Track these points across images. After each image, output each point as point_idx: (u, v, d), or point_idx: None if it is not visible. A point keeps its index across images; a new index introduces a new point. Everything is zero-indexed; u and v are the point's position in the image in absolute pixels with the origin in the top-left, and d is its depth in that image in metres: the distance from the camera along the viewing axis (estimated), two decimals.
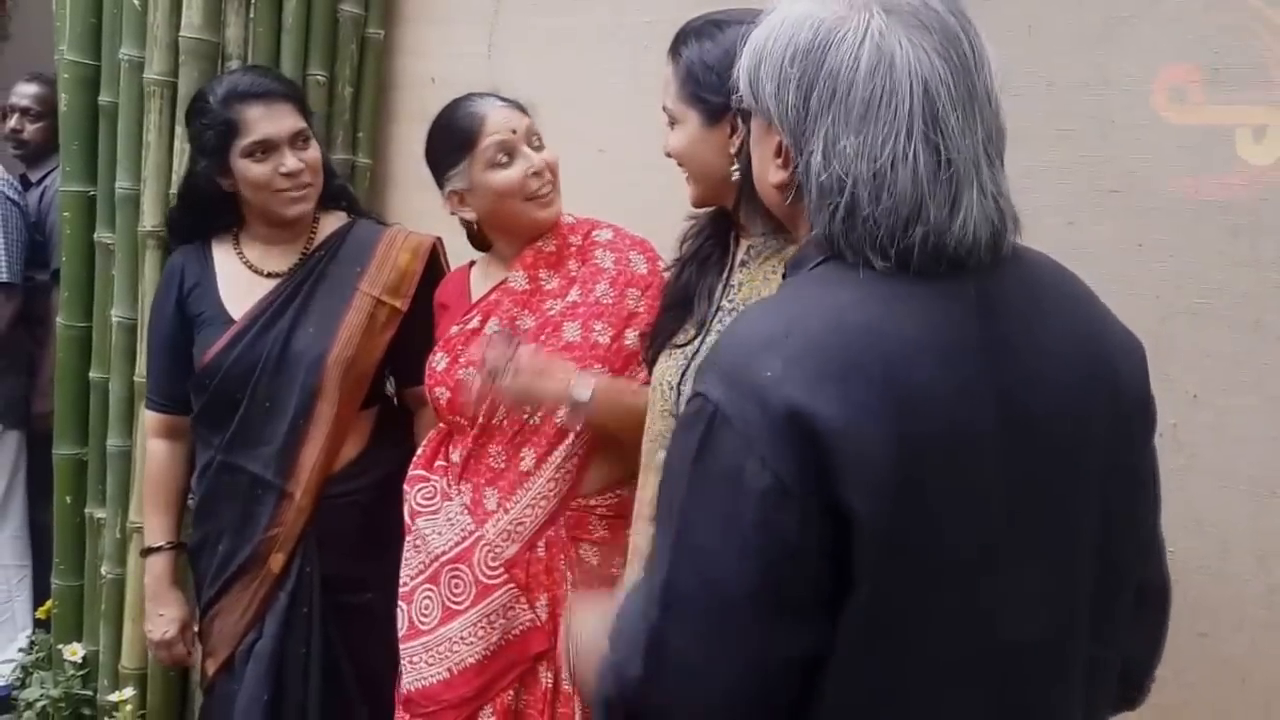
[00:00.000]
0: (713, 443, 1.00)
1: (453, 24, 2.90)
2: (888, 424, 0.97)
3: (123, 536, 2.87)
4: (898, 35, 1.01)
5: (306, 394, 2.18)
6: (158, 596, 2.34)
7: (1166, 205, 1.86)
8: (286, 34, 2.78)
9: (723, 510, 0.99)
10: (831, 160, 1.02)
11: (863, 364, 0.98)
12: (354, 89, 2.94)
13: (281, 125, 2.15)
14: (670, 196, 1.73)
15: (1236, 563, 1.85)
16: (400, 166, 3.06)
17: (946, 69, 1.02)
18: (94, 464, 3.00)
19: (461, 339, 2.01)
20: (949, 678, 1.04)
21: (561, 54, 2.67)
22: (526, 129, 1.98)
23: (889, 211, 1.01)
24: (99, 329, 2.93)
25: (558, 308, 1.96)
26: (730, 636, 0.99)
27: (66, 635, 3.09)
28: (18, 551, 3.54)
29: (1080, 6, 1.93)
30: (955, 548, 1.01)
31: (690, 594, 1.01)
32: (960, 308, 1.03)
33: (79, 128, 2.90)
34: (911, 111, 1.00)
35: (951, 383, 1.01)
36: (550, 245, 2.01)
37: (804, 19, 1.05)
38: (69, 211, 2.94)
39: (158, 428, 2.35)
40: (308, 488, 2.19)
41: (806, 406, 0.96)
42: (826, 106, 1.02)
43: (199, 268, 2.27)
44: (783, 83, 1.06)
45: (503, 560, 1.91)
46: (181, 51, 2.67)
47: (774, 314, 1.05)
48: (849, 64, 1.02)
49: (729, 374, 1.01)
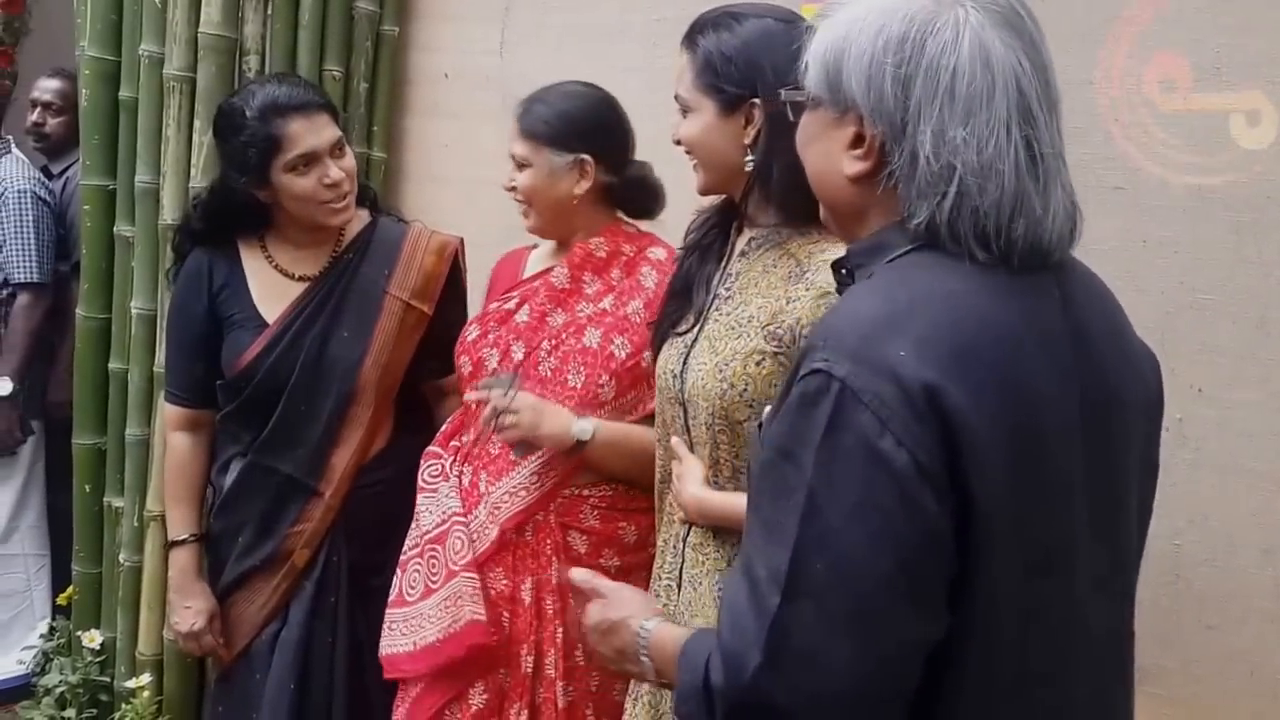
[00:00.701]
0: (840, 420, 0.97)
1: (466, 20, 2.93)
2: (1005, 411, 0.99)
3: (140, 525, 2.91)
4: (990, 31, 1.03)
5: (342, 399, 2.21)
6: (184, 589, 2.35)
7: (1170, 202, 1.88)
8: (303, 30, 2.82)
9: (855, 490, 0.97)
10: (941, 150, 1.02)
11: (981, 351, 1.00)
12: (369, 84, 2.97)
13: (323, 137, 2.15)
14: (681, 192, 1.76)
15: (1243, 556, 1.87)
16: (414, 160, 3.10)
17: (1031, 67, 1.04)
18: (113, 453, 3.04)
19: (497, 316, 2.04)
20: (1060, 665, 1.05)
21: (574, 50, 2.70)
22: (515, 154, 2.00)
23: (995, 204, 1.02)
24: (118, 320, 2.97)
25: (587, 311, 1.97)
26: (862, 622, 0.96)
27: (85, 622, 3.13)
28: (37, 541, 3.57)
29: (1084, 3, 1.94)
30: (1055, 537, 1.03)
31: (817, 578, 0.97)
32: (1050, 302, 1.06)
33: (100, 122, 2.94)
34: (1010, 106, 1.02)
35: (1053, 374, 1.03)
36: (602, 250, 2.02)
37: (891, 11, 1.05)
38: (90, 205, 2.99)
39: (179, 421, 2.35)
40: (338, 487, 2.22)
41: (942, 385, 0.96)
42: (932, 96, 1.03)
43: (227, 268, 2.27)
44: (876, 73, 1.05)
45: (474, 548, 1.93)
46: (200, 47, 2.70)
47: (889, 295, 1.04)
48: (950, 55, 1.02)
49: (855, 351, 0.99)
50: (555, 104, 1.99)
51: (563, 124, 1.97)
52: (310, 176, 2.14)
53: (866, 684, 0.97)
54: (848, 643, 0.96)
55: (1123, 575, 1.13)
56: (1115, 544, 1.11)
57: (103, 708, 3.02)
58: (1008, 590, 1.00)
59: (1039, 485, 1.01)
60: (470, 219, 2.60)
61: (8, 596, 3.50)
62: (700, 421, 1.59)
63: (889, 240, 1.09)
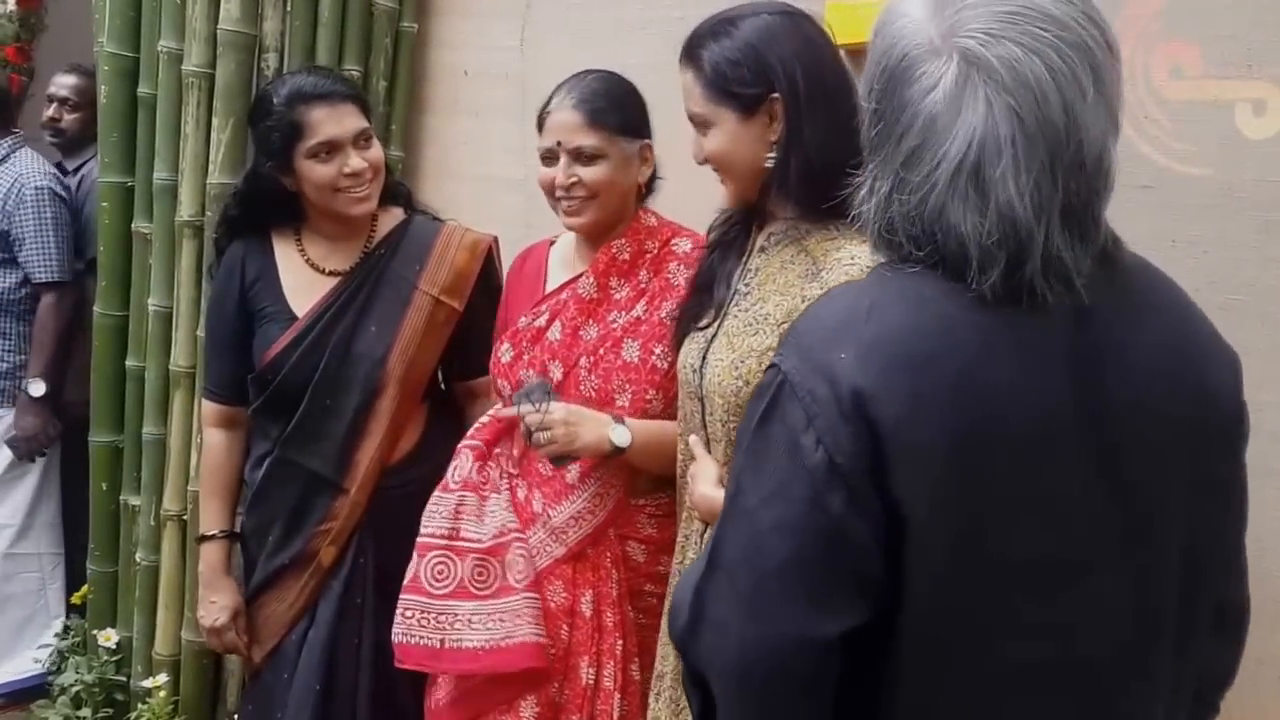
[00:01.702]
0: (775, 412, 1.04)
1: (486, 17, 2.95)
2: (955, 421, 0.99)
3: (157, 524, 2.93)
4: (973, 89, 1.00)
5: (367, 394, 2.23)
6: (211, 584, 2.38)
7: (1199, 202, 1.88)
8: (322, 27, 2.84)
9: (772, 479, 1.02)
10: (904, 192, 1.04)
11: (937, 358, 1.00)
12: (388, 82, 2.99)
13: (345, 126, 2.18)
14: (702, 189, 1.77)
15: (1272, 560, 1.86)
16: (432, 158, 3.11)
17: (1018, 129, 1.00)
18: (129, 451, 3.07)
19: (530, 335, 2.01)
20: (1024, 687, 1.05)
21: (594, 47, 2.70)
22: (577, 146, 1.94)
23: (946, 245, 1.03)
24: (135, 318, 3.00)
25: (621, 321, 1.96)
26: (755, 606, 1.03)
27: (101, 621, 3.16)
28: (52, 539, 3.59)
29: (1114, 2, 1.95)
30: (1032, 557, 1.02)
31: (730, 556, 1.05)
32: (1047, 317, 1.04)
33: (118, 119, 2.97)
34: (959, 164, 1.01)
35: (1031, 388, 1.02)
36: (625, 252, 2.00)
37: (893, 42, 1.06)
38: (107, 202, 3.01)
39: (216, 418, 2.39)
40: (363, 484, 2.24)
41: (872, 394, 0.98)
42: (899, 136, 1.04)
43: (260, 261, 2.31)
44: (865, 104, 1.10)
45: (536, 568, 1.92)
46: (219, 44, 2.73)
47: (857, 298, 1.07)
48: (922, 94, 1.02)
49: (804, 349, 1.05)
50: (611, 91, 1.98)
51: (627, 111, 1.97)
52: (331, 165, 2.17)
53: (758, 667, 1.03)
54: (747, 624, 1.03)
55: (1157, 602, 1.09)
56: (1140, 570, 1.08)
57: (118, 707, 3.05)
58: (964, 606, 1.01)
59: (1008, 501, 1.01)
60: (489, 216, 2.61)
61: (23, 595, 3.52)
62: (717, 418, 1.62)
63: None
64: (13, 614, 3.50)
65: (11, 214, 3.42)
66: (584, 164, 1.94)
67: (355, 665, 2.23)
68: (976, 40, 1.01)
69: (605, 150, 1.94)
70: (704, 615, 1.07)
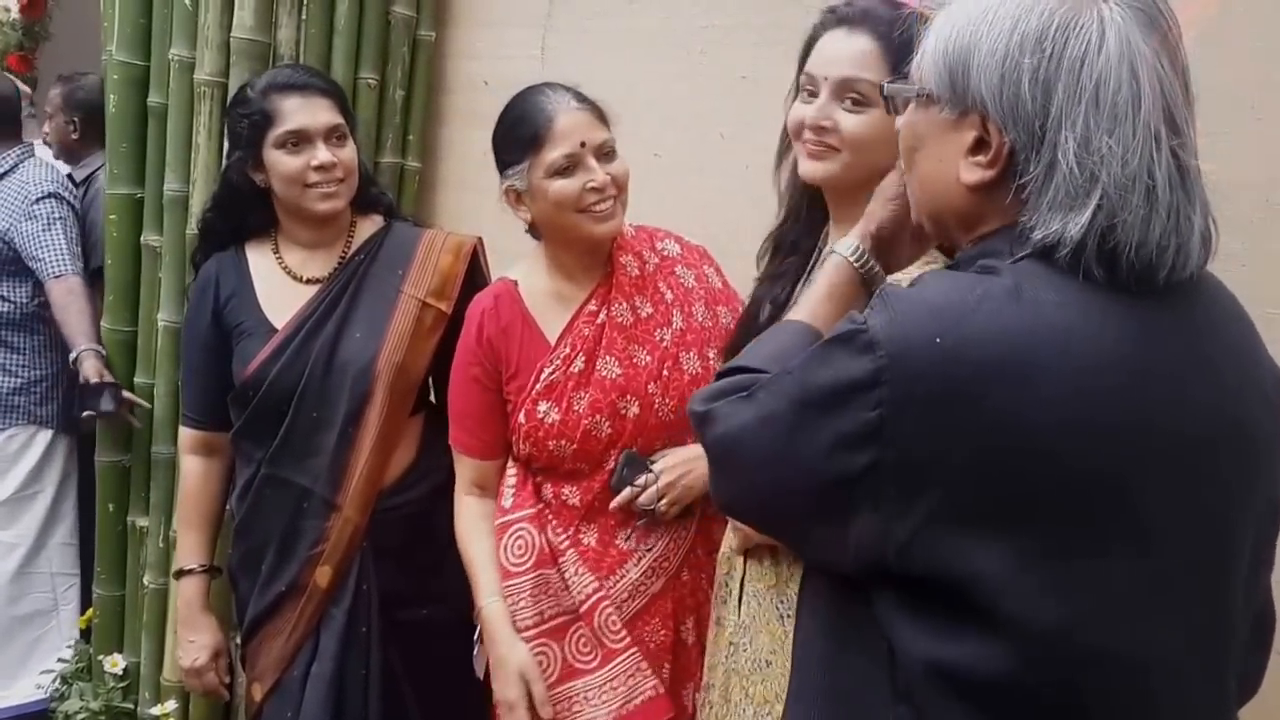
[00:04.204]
0: (849, 350, 1.02)
1: (506, 26, 2.98)
2: (1038, 431, 0.97)
3: (166, 545, 2.95)
4: (1135, 31, 1.00)
5: (356, 401, 2.19)
6: (189, 622, 2.36)
7: (1237, 214, 1.91)
8: (338, 35, 2.88)
9: (813, 404, 1.04)
10: (1085, 160, 0.99)
11: (1036, 366, 0.97)
12: (405, 92, 3.03)
13: (317, 118, 2.19)
14: (724, 200, 1.79)
15: None
16: (450, 169, 3.15)
17: (1173, 71, 1.00)
18: (137, 471, 3.10)
19: (570, 382, 1.92)
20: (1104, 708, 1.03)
21: (615, 57, 2.73)
22: (599, 142, 1.90)
23: (1142, 220, 0.99)
24: (144, 333, 3.02)
25: (668, 338, 1.94)
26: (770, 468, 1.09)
27: (107, 646, 3.18)
28: (66, 560, 3.60)
29: None
30: (1119, 570, 1.01)
31: (773, 389, 1.10)
32: (1164, 325, 1.02)
33: (127, 129, 2.99)
34: (1158, 114, 0.99)
35: (1135, 403, 1.00)
36: (634, 268, 1.98)
37: (1026, 6, 1.02)
38: (115, 214, 3.02)
39: (194, 444, 2.36)
40: (356, 500, 2.20)
41: (959, 389, 0.97)
42: (1075, 99, 0.99)
43: (235, 276, 2.29)
44: (1010, 73, 1.01)
45: (632, 610, 1.92)
46: (233, 52, 2.77)
47: (969, 287, 1.03)
48: (1094, 57, 0.99)
49: (901, 318, 1.01)
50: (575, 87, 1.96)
51: None
52: (299, 157, 2.17)
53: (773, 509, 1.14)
54: (757, 460, 1.11)
55: (1232, 617, 1.08)
56: (1217, 586, 1.06)
57: None
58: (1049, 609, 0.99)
59: (1076, 515, 0.99)
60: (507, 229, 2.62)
61: (33, 616, 3.54)
62: None
63: (996, 249, 1.07)
64: (24, 635, 3.52)
65: (18, 223, 3.44)
66: (606, 161, 1.91)
67: (364, 696, 2.20)
68: None
69: (614, 146, 1.94)
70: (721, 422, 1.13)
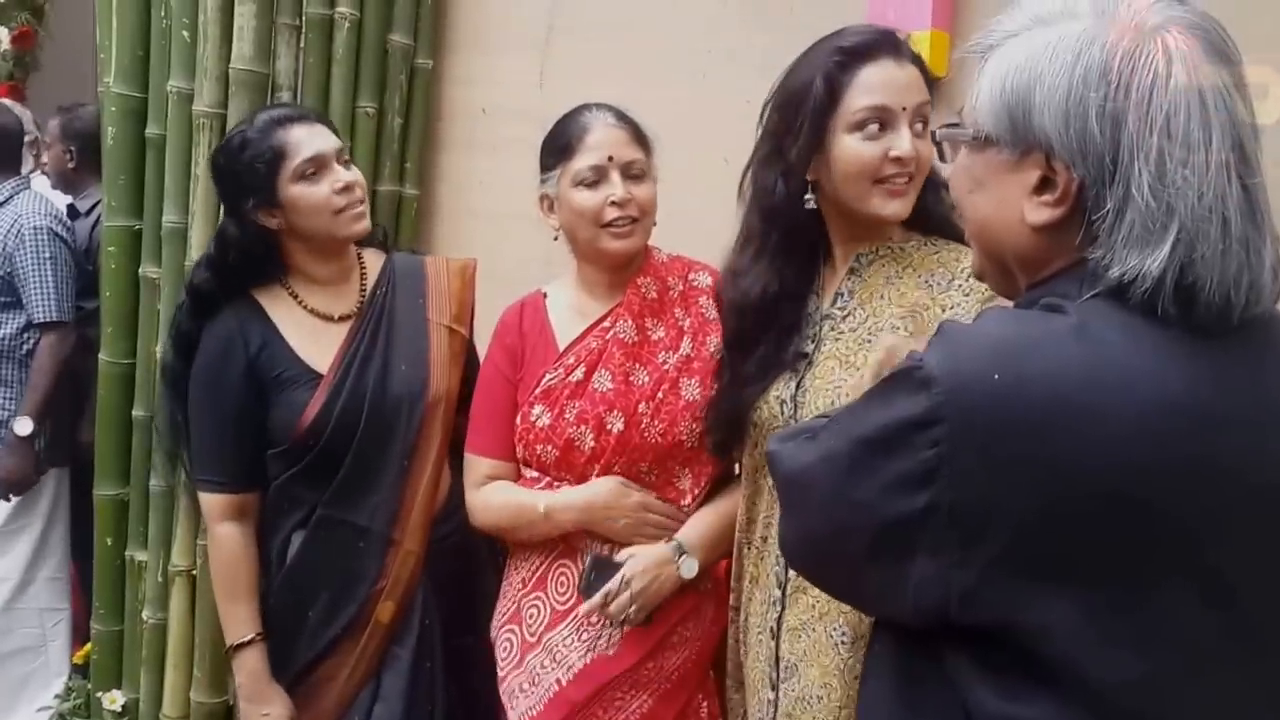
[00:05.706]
0: (906, 387, 1.02)
1: (504, 53, 3.03)
2: (1096, 474, 0.96)
3: (165, 580, 2.97)
4: (1202, 60, 0.98)
5: (412, 434, 2.19)
6: (257, 695, 2.21)
7: None
8: (337, 65, 2.93)
9: (870, 442, 1.05)
10: (1161, 194, 0.97)
11: (1096, 410, 0.96)
12: (403, 119, 3.07)
13: (328, 142, 2.19)
14: (727, 225, 1.81)
15: None
16: (447, 196, 3.20)
17: (1243, 102, 0.99)
18: (136, 505, 3.11)
19: (566, 391, 1.97)
20: None
21: (615, 82, 2.75)
22: (628, 160, 1.94)
23: (1216, 255, 0.97)
24: (143, 365, 3.04)
25: (672, 361, 1.96)
26: (825, 512, 1.15)
27: (106, 682, 3.19)
28: (54, 594, 3.62)
29: None
30: (1197, 624, 0.99)
31: (829, 437, 1.15)
32: (1236, 366, 1.01)
33: (125, 161, 3.02)
34: (1226, 143, 0.98)
35: (1206, 447, 0.98)
36: (652, 291, 2.00)
37: (1087, 39, 1.00)
38: (114, 246, 3.05)
39: (227, 511, 2.22)
40: (415, 532, 2.19)
41: (1014, 430, 0.96)
42: (1147, 130, 0.97)
43: (260, 327, 2.20)
44: (1076, 108, 0.99)
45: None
46: (232, 83, 2.80)
47: (1030, 324, 1.03)
48: (1162, 85, 0.97)
49: (959, 355, 1.01)
50: (624, 110, 2.01)
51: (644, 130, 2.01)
52: (322, 183, 2.15)
53: (826, 550, 1.18)
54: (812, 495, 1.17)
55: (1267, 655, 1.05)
56: (1270, 658, 1.04)
57: None
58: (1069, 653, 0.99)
59: (1146, 563, 0.97)
60: (507, 255, 2.67)
61: (20, 652, 3.55)
62: None
63: (1064, 289, 1.05)
64: (12, 671, 3.53)
65: (12, 255, 3.48)
66: (634, 181, 1.95)
67: None
68: (1162, 18, 1.01)
69: (647, 169, 1.97)
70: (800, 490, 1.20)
